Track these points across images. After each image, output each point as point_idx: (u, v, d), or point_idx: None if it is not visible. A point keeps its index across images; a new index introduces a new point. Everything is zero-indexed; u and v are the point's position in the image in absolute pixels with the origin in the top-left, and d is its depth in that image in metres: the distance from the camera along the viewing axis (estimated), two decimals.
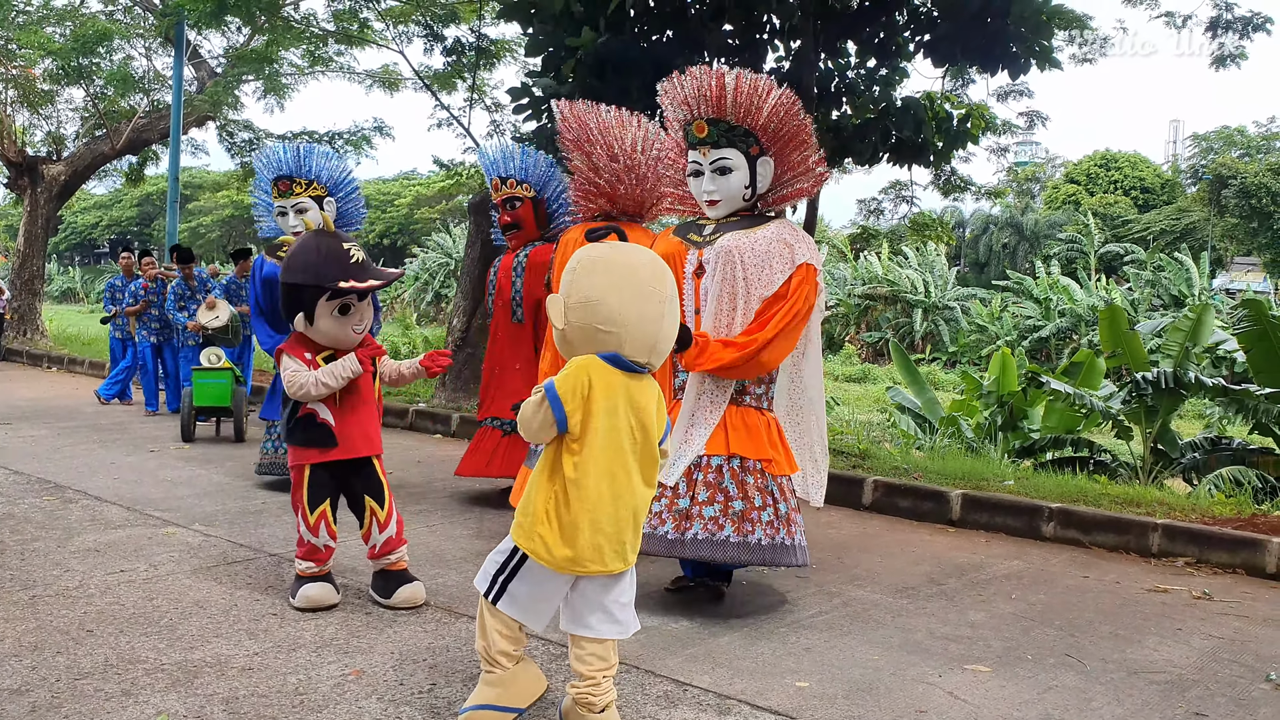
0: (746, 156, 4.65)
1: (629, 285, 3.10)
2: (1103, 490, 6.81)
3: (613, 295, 3.08)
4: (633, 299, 3.10)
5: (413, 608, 4.49)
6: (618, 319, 3.08)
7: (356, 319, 4.39)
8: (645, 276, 3.14)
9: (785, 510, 4.55)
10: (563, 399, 3.08)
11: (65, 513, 6.09)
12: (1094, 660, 4.15)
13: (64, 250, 71.36)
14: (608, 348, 3.11)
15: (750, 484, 4.52)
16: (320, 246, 4.33)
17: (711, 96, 4.62)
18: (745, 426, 4.61)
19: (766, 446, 4.60)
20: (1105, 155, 57.52)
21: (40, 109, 18.37)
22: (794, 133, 4.66)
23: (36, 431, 9.27)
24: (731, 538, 4.45)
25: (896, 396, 15.30)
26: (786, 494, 4.60)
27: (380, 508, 4.54)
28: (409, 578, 4.56)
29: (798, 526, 4.60)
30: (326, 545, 4.48)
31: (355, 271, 4.28)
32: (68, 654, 3.81)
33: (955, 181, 12.22)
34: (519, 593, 3.17)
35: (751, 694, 3.65)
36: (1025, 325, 36.96)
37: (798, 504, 4.69)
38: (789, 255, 4.53)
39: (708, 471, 4.55)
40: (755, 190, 4.71)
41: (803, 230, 4.77)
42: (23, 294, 18.33)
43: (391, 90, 17.18)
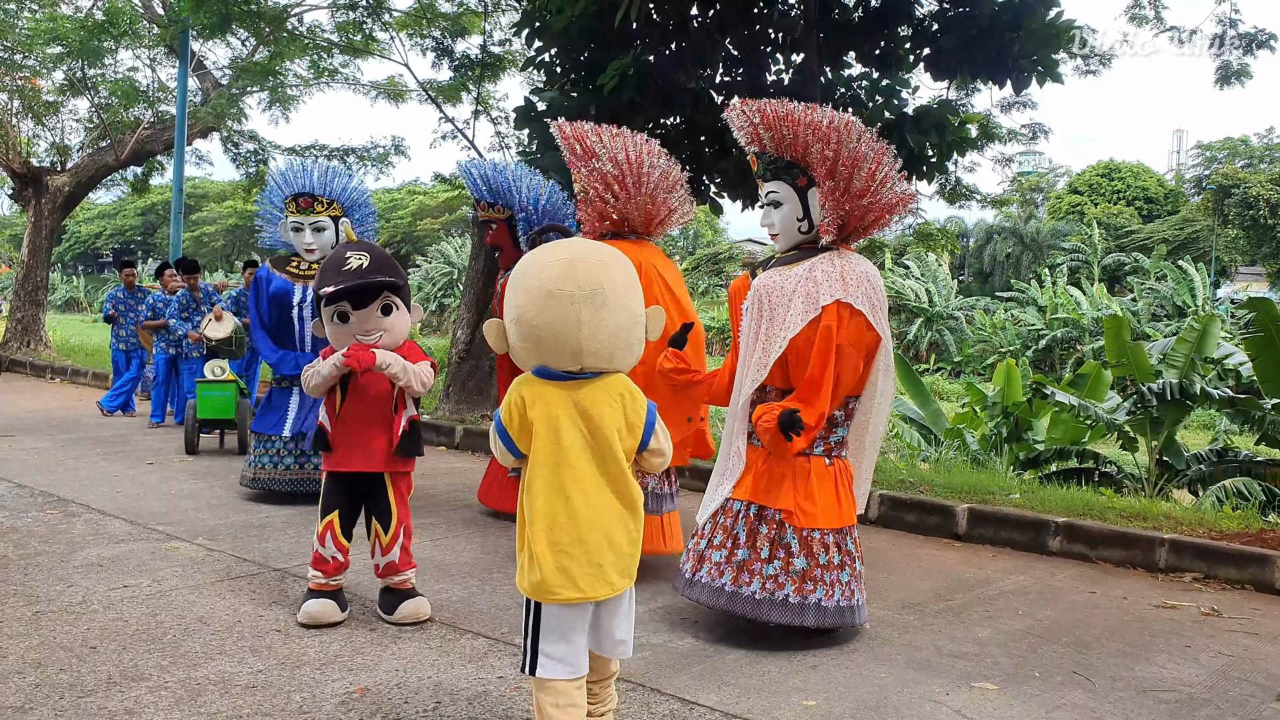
0: (794, 188, 4.48)
1: (535, 292, 2.95)
2: (1109, 504, 6.78)
3: (527, 307, 2.96)
4: (540, 306, 2.94)
5: (416, 623, 4.47)
6: (532, 330, 2.96)
7: (361, 328, 4.33)
8: (550, 278, 2.94)
9: (802, 567, 4.31)
10: (505, 425, 3.04)
11: (68, 526, 6.08)
12: (1102, 678, 4.12)
13: (68, 259, 71.48)
14: (533, 362, 3.04)
15: (761, 534, 4.39)
16: (330, 256, 4.38)
17: (750, 129, 4.57)
18: (772, 474, 4.45)
19: (792, 496, 4.39)
20: (1109, 165, 57.53)
21: (45, 120, 18.39)
22: (835, 159, 4.34)
23: (39, 444, 9.26)
24: (727, 586, 4.38)
25: (900, 408, 15.27)
26: (814, 549, 4.34)
27: (384, 531, 4.51)
28: (413, 593, 4.55)
29: (825, 585, 4.32)
30: (334, 557, 4.45)
31: (341, 278, 4.25)
32: (71, 671, 3.79)
33: (960, 190, 12.23)
34: (550, 647, 3.01)
35: (758, 713, 3.62)
36: (1029, 335, 36.95)
37: (842, 561, 4.40)
38: (815, 295, 4.31)
39: (728, 516, 4.49)
40: (811, 222, 4.50)
41: (855, 263, 4.43)
42: (27, 305, 18.33)
43: (397, 101, 17.24)
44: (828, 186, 4.39)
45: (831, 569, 4.36)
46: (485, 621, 4.56)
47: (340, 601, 4.51)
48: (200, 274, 11.23)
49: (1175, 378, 12.04)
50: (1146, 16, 10.49)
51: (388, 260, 4.39)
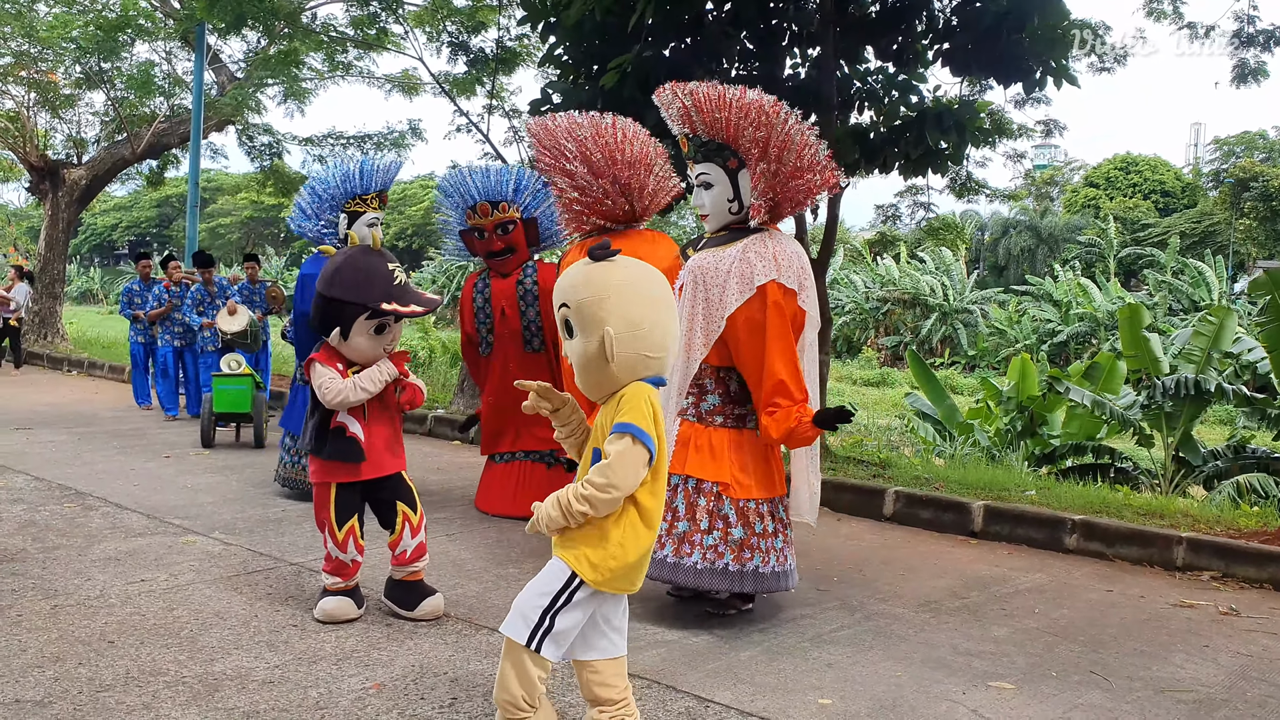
0: (725, 170, 4.62)
1: (664, 305, 3.07)
2: (1125, 501, 6.75)
3: (652, 318, 3.03)
4: (669, 319, 3.08)
5: (434, 619, 4.48)
6: (662, 343, 3.05)
7: (389, 338, 4.35)
8: (664, 288, 3.12)
9: (740, 535, 4.48)
10: (647, 431, 2.99)
11: (86, 520, 6.11)
12: (1120, 678, 4.10)
13: (84, 252, 71.84)
14: (651, 372, 3.06)
15: (700, 506, 4.52)
16: (365, 265, 4.28)
17: (681, 112, 4.64)
18: (709, 447, 4.58)
19: (729, 469, 4.54)
20: (1125, 159, 57.21)
21: (61, 113, 18.47)
22: (766, 141, 4.48)
23: (57, 437, 9.31)
24: (669, 558, 4.50)
25: (915, 403, 15.24)
26: (750, 519, 4.51)
27: (413, 512, 4.51)
28: (429, 589, 4.55)
29: (761, 552, 4.50)
30: (354, 560, 4.44)
31: (398, 293, 4.24)
32: (89, 665, 3.81)
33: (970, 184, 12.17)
34: (561, 632, 3.03)
35: (774, 711, 3.62)
36: (1044, 329, 36.80)
37: (776, 529, 4.59)
38: (749, 275, 4.46)
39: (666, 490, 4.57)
40: (742, 203, 4.66)
41: (785, 244, 4.60)
42: (43, 297, 18.44)
43: (411, 95, 17.23)
44: (760, 169, 4.53)
45: (767, 536, 4.55)
46: (500, 617, 4.51)
47: (357, 598, 4.51)
48: (215, 268, 11.27)
49: (1191, 372, 11.98)
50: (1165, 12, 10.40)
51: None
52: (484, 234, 6.64)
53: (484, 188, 6.61)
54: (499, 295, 6.67)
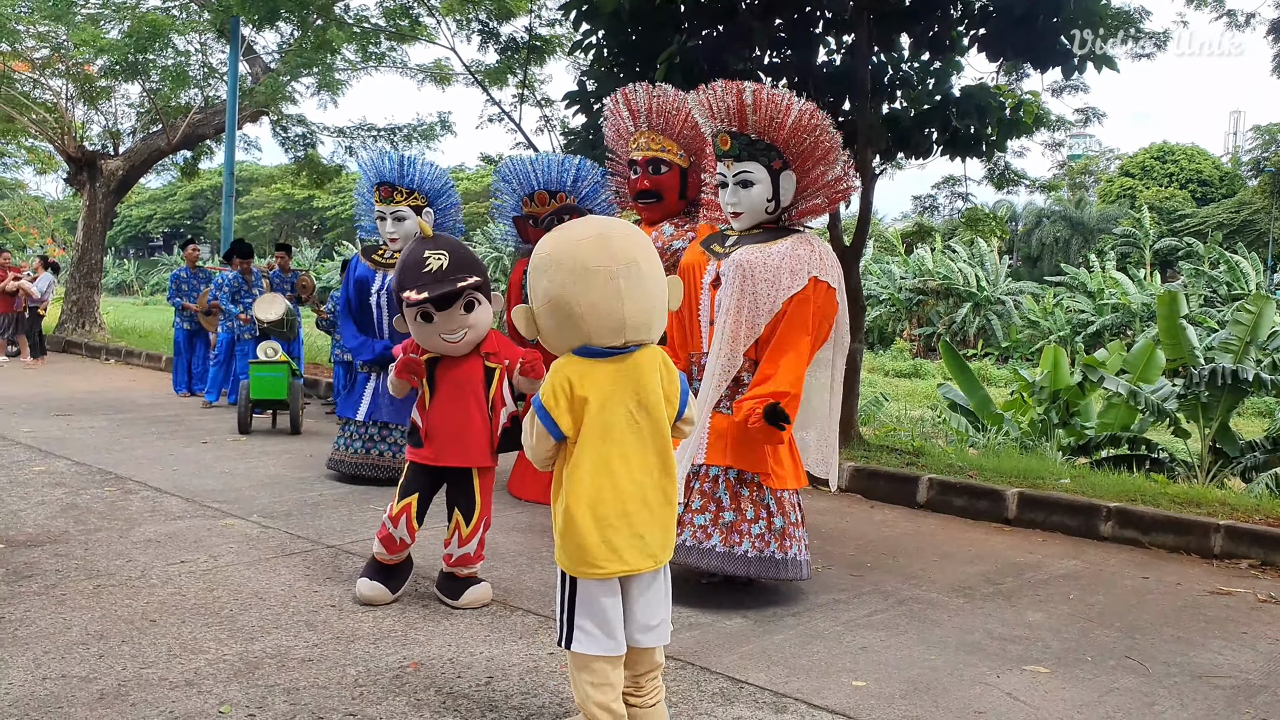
0: (769, 170, 4.67)
1: (574, 270, 2.93)
2: (1161, 490, 6.70)
3: (564, 287, 2.94)
4: (583, 285, 2.92)
5: (480, 607, 4.48)
6: (574, 309, 2.93)
7: (445, 327, 4.28)
8: (587, 254, 2.93)
9: (780, 525, 4.60)
10: (547, 407, 2.99)
11: (126, 503, 6.20)
12: (1156, 663, 4.08)
13: (119, 243, 72.64)
14: (577, 341, 3.00)
15: (745, 496, 4.60)
16: (408, 255, 4.32)
17: (733, 110, 4.66)
18: (745, 440, 4.59)
19: (768, 460, 4.61)
20: (1162, 147, 56.55)
21: (98, 105, 18.66)
22: (813, 148, 4.65)
23: (96, 423, 9.44)
24: (718, 547, 4.55)
25: (948, 393, 15.15)
26: (786, 509, 4.65)
27: (466, 523, 4.45)
28: (476, 580, 4.54)
29: (795, 540, 4.64)
30: (403, 539, 4.42)
31: (423, 281, 4.22)
32: (132, 643, 3.87)
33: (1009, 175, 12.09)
34: (586, 622, 3.01)
35: (808, 693, 3.63)
36: (1078, 320, 36.48)
37: (800, 519, 4.74)
38: (799, 270, 4.54)
39: (704, 481, 4.67)
40: (779, 203, 4.73)
41: (824, 245, 4.73)
42: (81, 287, 18.66)
43: (443, 85, 17.28)
44: (815, 173, 4.70)
45: (797, 525, 4.69)
46: (535, 599, 4.60)
47: (393, 583, 4.51)
48: (253, 258, 11.35)
49: (1229, 362, 11.85)
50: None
51: (467, 256, 4.36)
52: (539, 222, 6.66)
53: (545, 177, 6.69)
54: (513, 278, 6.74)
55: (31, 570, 4.75)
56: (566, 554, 3.04)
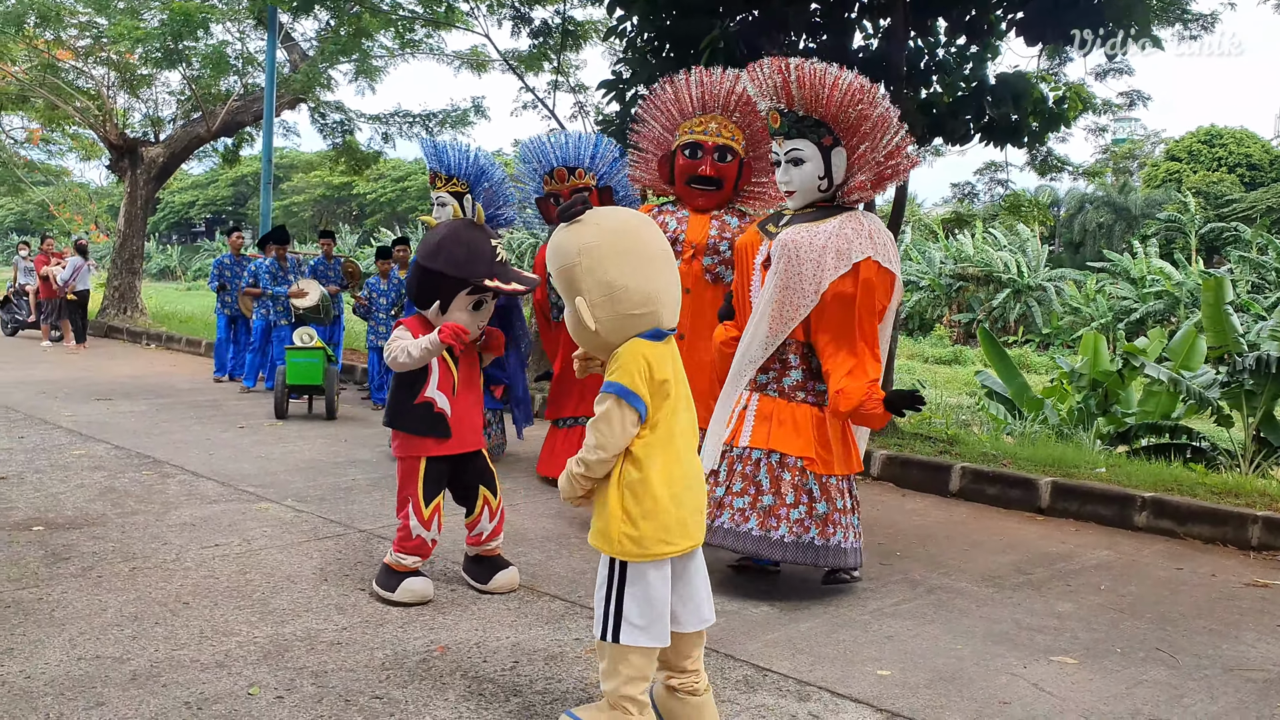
0: (819, 147, 4.57)
1: (642, 258, 2.97)
2: (1199, 479, 6.61)
3: (632, 275, 2.95)
4: (652, 271, 2.99)
5: (507, 592, 4.50)
6: (648, 297, 2.97)
7: (484, 315, 4.32)
8: (648, 239, 3.02)
9: (824, 510, 4.52)
10: (635, 391, 2.95)
11: (163, 487, 6.29)
12: (1186, 655, 4.04)
13: (162, 229, 73.54)
14: (645, 327, 3.00)
15: (785, 480, 4.53)
16: (468, 240, 4.22)
17: (779, 87, 4.58)
18: (793, 422, 4.58)
19: (812, 445, 4.56)
20: (1209, 131, 55.55)
21: (139, 93, 18.88)
22: (859, 122, 4.50)
23: (136, 407, 9.58)
24: (754, 531, 4.51)
25: (986, 381, 15.02)
26: (832, 494, 4.56)
27: (494, 496, 4.48)
28: (504, 563, 4.55)
29: (841, 528, 4.54)
30: (434, 540, 4.38)
31: (499, 270, 4.20)
32: (165, 625, 3.94)
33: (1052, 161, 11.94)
34: (633, 614, 2.98)
35: (832, 681, 3.63)
36: (1120, 307, 36.00)
37: (852, 505, 4.65)
38: (846, 250, 4.46)
39: (746, 463, 4.62)
40: (831, 181, 4.62)
41: (876, 223, 4.62)
42: (123, 273, 18.93)
43: (479, 71, 17.31)
44: (863, 149, 4.55)
45: (846, 513, 4.60)
46: (562, 585, 4.63)
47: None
48: (290, 245, 11.47)
49: (1275, 350, 11.65)
50: None
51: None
52: (559, 200, 6.66)
53: (561, 153, 6.69)
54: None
55: (69, 552, 4.84)
56: (631, 540, 2.98)
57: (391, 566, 4.37)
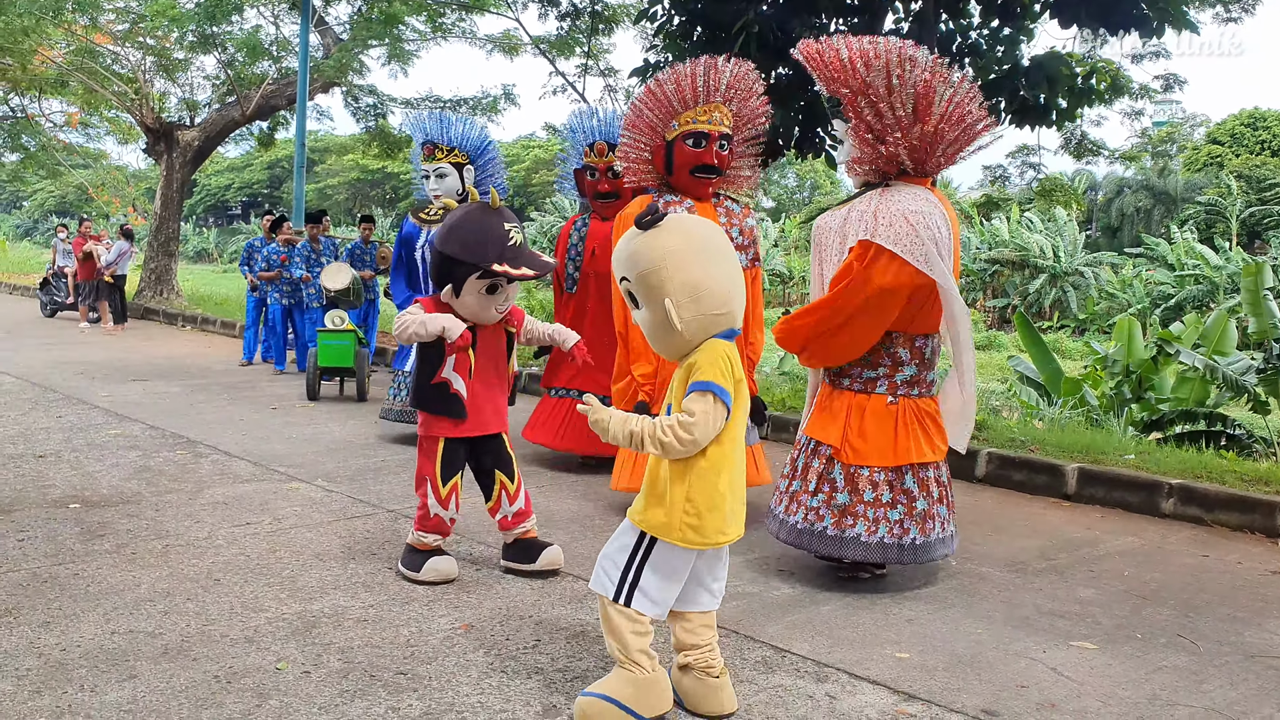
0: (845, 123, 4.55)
1: (719, 259, 3.08)
2: (1229, 467, 6.56)
3: (712, 275, 3.05)
4: (728, 271, 3.10)
5: (555, 570, 4.52)
6: (726, 297, 3.07)
7: (502, 299, 4.30)
8: (722, 242, 3.13)
9: (844, 501, 4.42)
10: (725, 388, 3.02)
11: (197, 466, 6.40)
12: (1208, 642, 4.03)
13: (199, 212, 74.23)
14: (722, 328, 3.09)
15: (813, 468, 4.54)
16: (482, 224, 4.21)
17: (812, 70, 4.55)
18: (830, 409, 4.58)
19: (844, 432, 4.47)
20: (1253, 114, 54.68)
21: (175, 77, 19.07)
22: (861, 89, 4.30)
23: (171, 388, 9.73)
24: (777, 512, 4.62)
25: (1018, 366, 14.92)
26: (860, 486, 4.42)
27: (510, 482, 4.52)
28: (546, 543, 4.57)
29: (863, 519, 4.38)
30: (452, 519, 4.46)
31: (511, 255, 4.18)
32: (197, 601, 4.03)
33: (1086, 145, 11.82)
34: (650, 586, 3.10)
35: (850, 663, 3.66)
36: (1158, 293, 35.58)
37: (893, 499, 4.41)
38: (848, 235, 4.40)
39: (795, 449, 4.72)
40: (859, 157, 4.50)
41: (896, 201, 4.30)
42: (159, 255, 19.17)
43: (511, 55, 17.37)
44: (853, 124, 4.43)
45: (879, 505, 4.41)
46: (586, 566, 4.66)
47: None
48: (321, 224, 11.56)
49: None
50: None
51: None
52: (595, 174, 6.74)
53: (605, 128, 6.73)
54: (594, 235, 6.76)
55: (105, 530, 4.94)
56: (702, 526, 3.06)
57: (414, 546, 4.44)
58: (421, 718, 3.10)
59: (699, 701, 3.19)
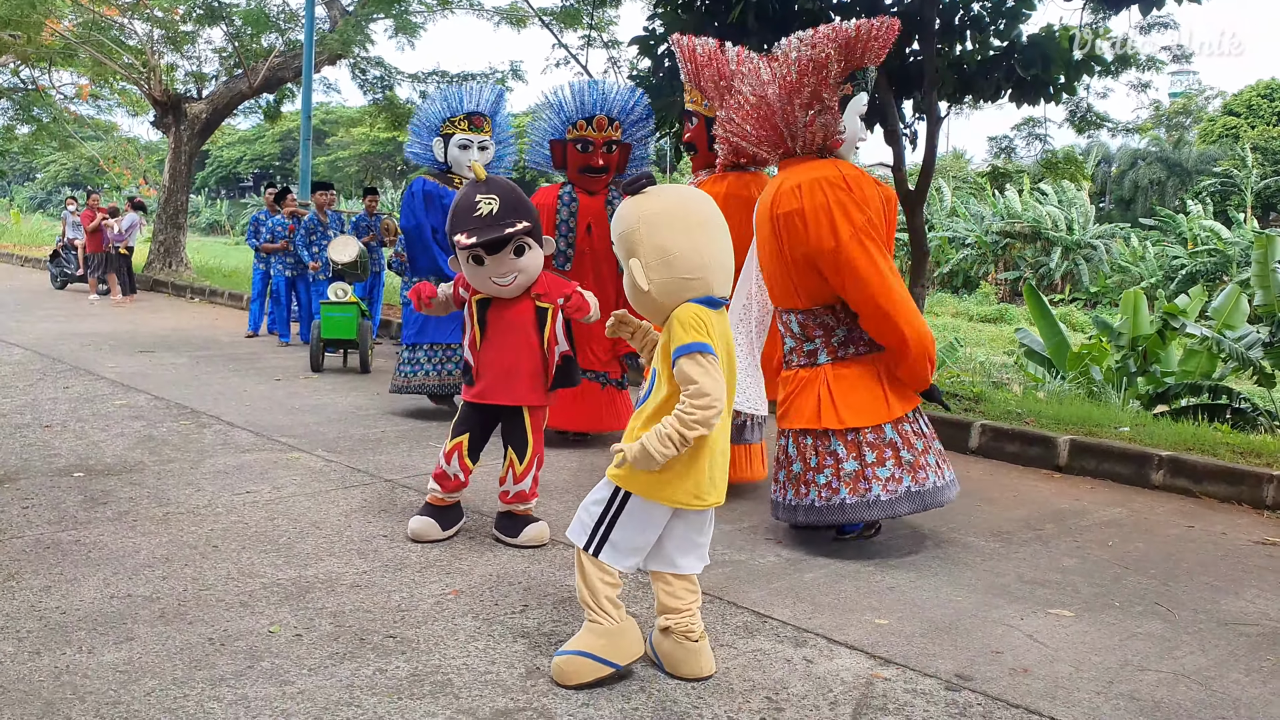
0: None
1: (696, 226, 3.15)
2: (1222, 439, 6.60)
3: (685, 241, 3.12)
4: (705, 238, 3.16)
5: (537, 546, 4.59)
6: (700, 264, 3.13)
7: (496, 271, 4.35)
8: (706, 210, 3.21)
9: (854, 468, 4.53)
10: (707, 343, 3.07)
11: (199, 436, 6.51)
12: (1184, 610, 4.10)
13: (211, 184, 74.32)
14: (696, 293, 3.15)
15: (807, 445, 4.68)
16: (461, 199, 4.37)
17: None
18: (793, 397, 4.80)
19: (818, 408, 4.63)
20: (1270, 84, 54.07)
21: (183, 49, 19.09)
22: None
23: (177, 359, 9.84)
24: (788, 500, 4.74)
25: (1025, 338, 14.93)
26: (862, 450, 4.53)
27: (519, 461, 4.59)
28: (533, 519, 4.67)
29: (878, 480, 4.49)
30: (455, 475, 4.56)
31: (475, 225, 4.28)
32: (194, 566, 4.13)
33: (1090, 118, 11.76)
34: (619, 540, 3.21)
35: (829, 628, 3.74)
36: (1171, 266, 35.42)
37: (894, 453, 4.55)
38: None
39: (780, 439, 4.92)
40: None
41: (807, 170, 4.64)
42: (168, 227, 19.26)
43: (519, 27, 17.34)
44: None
45: (882, 464, 4.55)
46: None
47: (445, 520, 4.63)
48: (328, 193, 11.56)
49: None
50: None
51: (518, 200, 4.37)
52: (589, 147, 6.61)
53: (607, 102, 6.66)
54: (586, 211, 6.65)
55: (107, 497, 5.05)
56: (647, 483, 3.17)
57: (427, 499, 4.67)
58: (408, 679, 3.19)
59: (677, 664, 3.28)
